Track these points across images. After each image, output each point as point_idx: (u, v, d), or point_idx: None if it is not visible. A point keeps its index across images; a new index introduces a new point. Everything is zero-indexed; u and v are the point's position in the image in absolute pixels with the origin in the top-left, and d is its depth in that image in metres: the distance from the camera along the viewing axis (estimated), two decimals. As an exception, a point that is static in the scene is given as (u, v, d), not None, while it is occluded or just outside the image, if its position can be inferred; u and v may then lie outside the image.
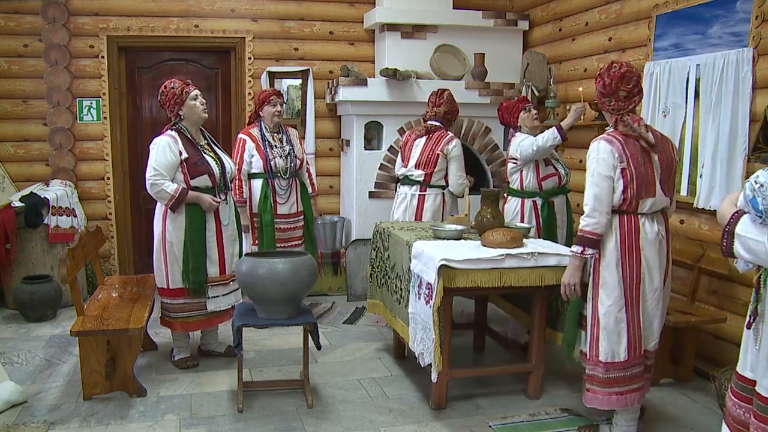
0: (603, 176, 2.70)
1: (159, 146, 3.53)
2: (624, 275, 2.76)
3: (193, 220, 3.60)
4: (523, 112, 4.06)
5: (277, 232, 4.46)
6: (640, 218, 2.77)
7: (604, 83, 2.79)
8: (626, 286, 2.77)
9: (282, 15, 5.59)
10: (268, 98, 4.37)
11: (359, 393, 3.51)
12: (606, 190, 2.71)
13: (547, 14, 5.37)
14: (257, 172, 4.39)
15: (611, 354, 2.79)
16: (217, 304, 3.77)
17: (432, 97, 4.43)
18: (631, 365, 2.81)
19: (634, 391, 2.84)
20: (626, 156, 2.70)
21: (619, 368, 2.80)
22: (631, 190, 2.72)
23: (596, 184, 2.71)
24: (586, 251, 2.77)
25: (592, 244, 2.75)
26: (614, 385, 2.81)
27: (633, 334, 2.79)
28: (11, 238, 4.65)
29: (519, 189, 4.04)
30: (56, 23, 5.17)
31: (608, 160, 2.70)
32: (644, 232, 2.76)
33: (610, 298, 2.78)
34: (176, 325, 3.74)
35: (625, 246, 2.76)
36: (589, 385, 2.87)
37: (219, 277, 3.75)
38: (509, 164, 4.08)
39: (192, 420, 3.16)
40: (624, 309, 2.77)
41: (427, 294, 3.09)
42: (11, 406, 3.20)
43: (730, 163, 3.45)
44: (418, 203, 4.34)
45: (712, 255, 3.55)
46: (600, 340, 2.80)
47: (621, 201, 2.74)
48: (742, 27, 3.41)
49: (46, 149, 5.31)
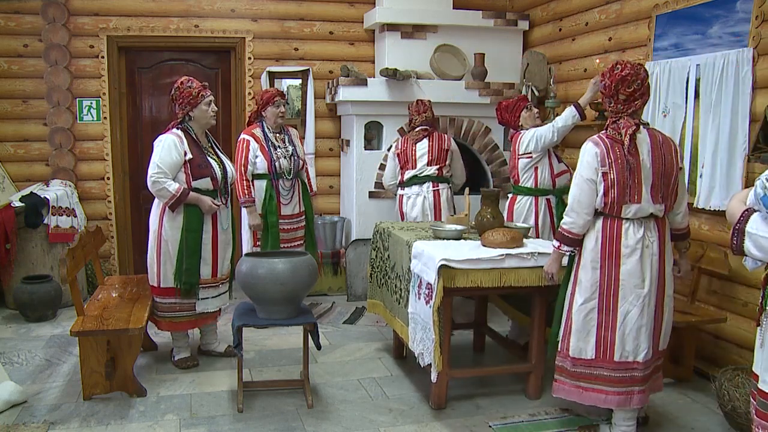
0: (585, 179, 2.74)
1: (164, 144, 3.52)
2: (601, 278, 2.78)
3: (190, 221, 3.60)
4: (524, 111, 4.04)
5: (282, 232, 4.45)
6: (624, 223, 2.75)
7: (605, 84, 2.78)
8: (602, 289, 2.78)
9: (282, 15, 5.59)
10: (272, 99, 4.34)
11: (359, 393, 3.51)
12: (586, 192, 2.74)
13: (547, 14, 5.37)
14: (261, 173, 4.35)
15: (578, 350, 2.84)
16: (206, 305, 3.76)
17: (415, 107, 4.72)
18: (598, 366, 2.82)
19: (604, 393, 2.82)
20: (609, 160, 2.70)
21: (584, 365, 2.84)
22: (612, 194, 2.71)
23: (577, 185, 2.77)
24: (562, 247, 2.87)
25: (567, 241, 2.83)
26: (579, 379, 2.86)
27: (602, 336, 2.80)
28: (11, 238, 4.65)
29: (533, 187, 3.98)
30: (56, 23, 5.17)
31: (591, 163, 2.73)
32: (626, 237, 2.75)
33: (582, 297, 2.81)
34: (163, 324, 3.74)
35: (605, 249, 2.77)
36: (557, 375, 2.93)
37: (210, 279, 3.75)
38: (521, 161, 4.00)
39: (192, 420, 3.16)
40: (596, 310, 2.80)
41: (427, 294, 3.10)
42: (11, 406, 3.20)
43: (730, 163, 3.45)
44: (435, 198, 4.62)
45: (712, 255, 3.55)
46: (571, 335, 2.86)
47: (602, 204, 2.75)
48: (742, 27, 3.41)
49: (46, 149, 5.31)
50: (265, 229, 4.38)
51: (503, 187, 5.52)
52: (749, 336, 3.42)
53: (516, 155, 4.03)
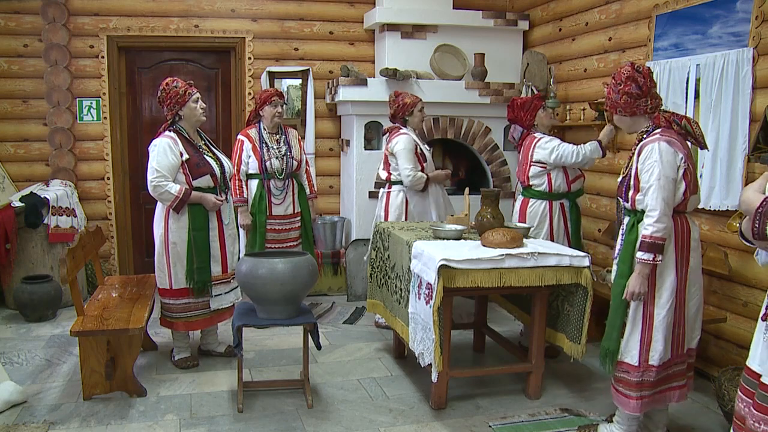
0: (670, 179, 2.64)
1: (159, 148, 3.53)
2: (678, 277, 2.73)
3: (196, 220, 3.61)
4: (541, 111, 3.96)
5: (272, 233, 4.48)
6: (688, 217, 2.77)
7: (639, 83, 2.72)
8: (678, 288, 2.74)
9: (282, 15, 5.59)
10: (269, 98, 4.37)
11: (359, 393, 3.51)
12: (672, 193, 2.66)
13: (547, 14, 5.37)
14: (253, 172, 4.41)
15: (664, 356, 2.75)
16: (220, 302, 3.79)
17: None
18: (674, 363, 2.81)
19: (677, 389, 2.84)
20: (685, 155, 2.68)
21: (665, 368, 2.79)
22: (690, 190, 2.70)
23: (663, 187, 2.63)
24: (657, 258, 2.66)
25: (661, 249, 2.66)
26: (661, 384, 2.80)
27: (678, 334, 2.78)
28: (11, 238, 4.65)
29: (547, 191, 3.90)
30: (56, 23, 5.17)
31: (673, 162, 2.64)
32: (693, 231, 2.76)
33: (668, 302, 2.73)
34: (179, 325, 3.74)
35: (680, 246, 2.73)
36: (636, 392, 2.76)
37: (221, 275, 3.77)
38: (533, 168, 3.88)
39: (192, 420, 3.16)
40: (674, 311, 2.75)
41: (427, 294, 3.09)
42: (11, 406, 3.20)
43: (730, 163, 3.45)
44: (386, 201, 4.51)
45: (712, 255, 3.55)
46: (653, 345, 2.74)
47: (681, 201, 2.70)
48: (742, 27, 3.41)
49: (46, 149, 5.31)
50: (253, 228, 4.41)
51: (503, 187, 5.53)
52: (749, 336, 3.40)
53: (529, 160, 3.91)
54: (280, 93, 4.46)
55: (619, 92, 2.76)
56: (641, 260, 2.68)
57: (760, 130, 3.29)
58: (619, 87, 2.76)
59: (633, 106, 2.75)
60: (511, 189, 5.48)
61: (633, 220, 2.77)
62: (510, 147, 5.43)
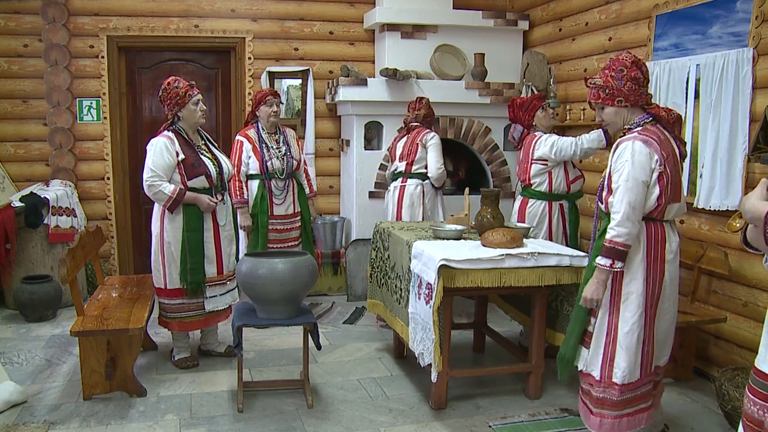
0: (640, 182, 2.46)
1: (156, 147, 3.54)
2: (647, 289, 2.56)
3: (190, 220, 3.61)
4: (540, 111, 3.96)
5: (274, 233, 4.48)
6: (665, 226, 2.58)
7: (642, 70, 2.56)
8: (648, 302, 2.57)
9: (282, 15, 5.59)
10: (264, 98, 4.38)
11: (359, 393, 3.51)
12: (641, 197, 2.47)
13: (547, 14, 5.37)
14: (254, 173, 4.41)
15: (629, 375, 2.59)
16: (215, 303, 3.78)
17: (412, 104, 4.67)
18: (643, 384, 2.66)
19: (644, 411, 2.69)
20: (663, 158, 2.48)
21: (632, 389, 2.62)
22: (665, 196, 2.50)
23: (630, 189, 2.45)
24: (616, 264, 2.50)
25: (621, 256, 2.49)
26: (626, 406, 2.62)
27: (647, 352, 2.61)
28: (11, 238, 4.65)
29: (547, 191, 3.88)
30: (56, 23, 5.17)
31: (645, 163, 2.46)
32: (669, 241, 2.57)
33: (635, 315, 2.56)
34: (174, 325, 3.74)
35: (651, 257, 2.55)
36: (597, 409, 2.66)
37: (217, 277, 3.76)
38: (534, 166, 3.87)
39: (192, 420, 3.16)
40: (643, 327, 2.58)
41: (427, 294, 3.09)
42: (11, 406, 3.20)
43: (730, 163, 3.45)
44: (399, 193, 4.51)
45: (712, 255, 3.55)
46: (616, 360, 2.59)
47: (653, 208, 2.52)
48: (742, 27, 3.41)
49: (46, 149, 5.31)
50: (255, 228, 4.42)
51: (503, 187, 5.53)
52: (749, 336, 3.42)
53: (530, 158, 3.90)
54: (275, 92, 4.46)
55: (622, 78, 2.56)
56: (598, 265, 2.54)
57: (760, 130, 3.29)
58: (622, 73, 2.57)
59: (637, 93, 2.58)
60: (511, 189, 5.48)
61: (606, 223, 2.59)
62: (510, 147, 5.43)
